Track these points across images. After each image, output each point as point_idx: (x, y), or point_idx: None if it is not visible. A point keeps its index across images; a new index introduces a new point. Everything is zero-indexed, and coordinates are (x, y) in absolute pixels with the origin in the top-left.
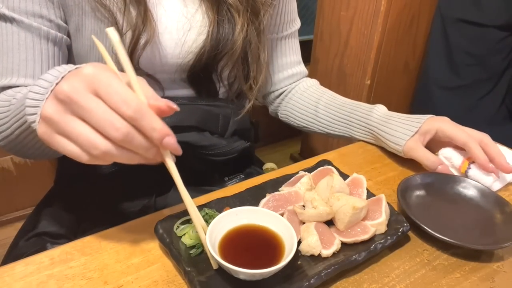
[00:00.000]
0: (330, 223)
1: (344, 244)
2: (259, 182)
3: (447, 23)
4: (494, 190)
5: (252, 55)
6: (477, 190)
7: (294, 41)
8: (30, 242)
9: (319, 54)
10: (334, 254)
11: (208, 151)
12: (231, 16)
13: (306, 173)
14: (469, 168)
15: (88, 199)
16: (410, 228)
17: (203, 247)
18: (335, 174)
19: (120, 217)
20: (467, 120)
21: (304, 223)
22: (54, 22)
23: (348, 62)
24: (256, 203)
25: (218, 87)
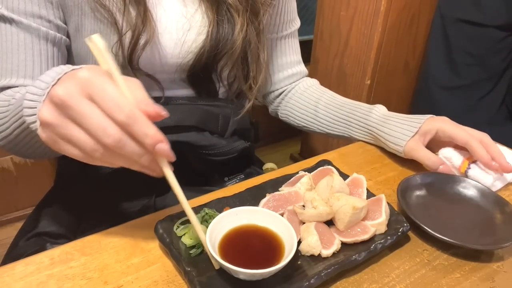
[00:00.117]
0: (330, 223)
1: (344, 244)
2: (259, 182)
3: (447, 23)
4: (494, 190)
5: (251, 55)
6: (477, 190)
7: (294, 40)
8: (30, 242)
9: (319, 54)
10: (334, 254)
11: (208, 151)
12: (231, 16)
13: (306, 173)
14: (469, 168)
15: (88, 199)
16: (410, 228)
17: (203, 247)
18: (335, 174)
19: (120, 217)
20: (467, 120)
21: (304, 223)
22: (53, 23)
23: (348, 62)
24: (256, 203)
25: (218, 87)
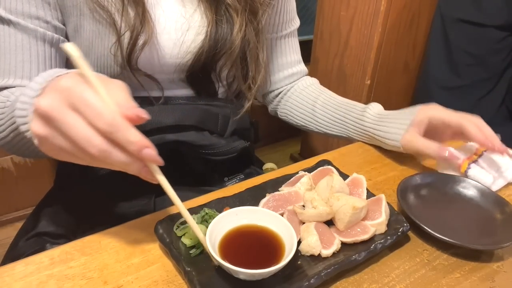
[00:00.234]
0: (330, 223)
1: (344, 244)
2: (259, 182)
3: (447, 23)
4: (494, 189)
5: (250, 55)
6: (477, 190)
7: (294, 40)
8: (30, 242)
9: (319, 54)
10: (334, 254)
11: (208, 150)
12: (230, 16)
13: (306, 173)
14: (469, 168)
15: (88, 199)
16: (410, 228)
17: (203, 247)
18: (335, 174)
19: (120, 217)
20: None
21: (304, 223)
22: (50, 24)
23: (348, 62)
24: (256, 203)
25: (217, 87)
